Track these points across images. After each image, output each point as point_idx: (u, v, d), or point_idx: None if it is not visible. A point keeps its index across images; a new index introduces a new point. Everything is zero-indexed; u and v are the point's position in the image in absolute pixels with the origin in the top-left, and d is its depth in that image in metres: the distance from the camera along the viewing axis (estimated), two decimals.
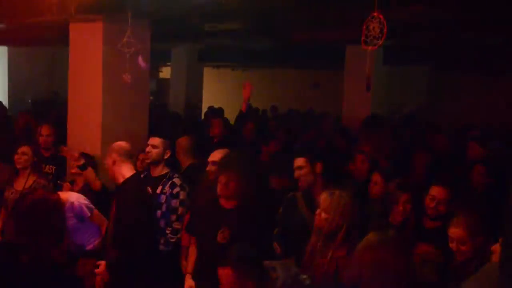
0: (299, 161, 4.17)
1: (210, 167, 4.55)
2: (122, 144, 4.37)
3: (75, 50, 6.00)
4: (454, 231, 3.30)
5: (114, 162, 4.26)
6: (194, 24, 6.85)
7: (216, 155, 4.51)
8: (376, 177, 4.69)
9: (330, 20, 6.08)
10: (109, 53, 5.52)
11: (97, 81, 5.69)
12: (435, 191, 3.94)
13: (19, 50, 13.64)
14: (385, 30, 3.21)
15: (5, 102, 13.79)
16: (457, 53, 9.29)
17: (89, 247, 4.41)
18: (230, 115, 9.70)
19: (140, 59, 5.16)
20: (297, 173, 4.19)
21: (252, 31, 7.62)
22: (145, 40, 5.73)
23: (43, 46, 10.73)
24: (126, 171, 4.25)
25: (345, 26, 6.04)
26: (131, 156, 4.38)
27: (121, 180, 4.25)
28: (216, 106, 11.91)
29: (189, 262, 4.15)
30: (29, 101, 12.72)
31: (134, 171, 4.37)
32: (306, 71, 13.72)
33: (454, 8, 5.00)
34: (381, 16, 3.23)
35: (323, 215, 3.45)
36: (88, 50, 5.79)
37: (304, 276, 3.22)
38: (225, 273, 3.05)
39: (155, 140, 4.79)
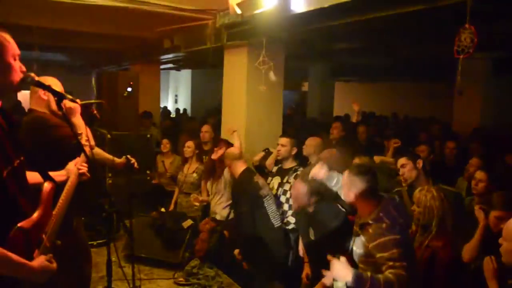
0: (402, 160, 3.84)
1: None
2: (231, 150, 4.64)
3: (227, 68, 6.17)
4: None
5: (229, 165, 4.58)
6: (321, 46, 6.69)
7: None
8: (481, 175, 3.94)
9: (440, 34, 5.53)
10: (250, 70, 5.59)
11: (242, 92, 5.79)
12: None
13: (198, 71, 14.58)
14: (475, 40, 2.81)
15: (189, 110, 14.90)
16: None
17: None
18: None
19: (273, 74, 5.14)
20: (401, 171, 3.85)
21: (370, 49, 7.26)
22: (279, 58, 5.70)
23: (206, 68, 11.32)
24: (238, 168, 4.51)
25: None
26: (240, 156, 4.61)
27: (236, 175, 4.52)
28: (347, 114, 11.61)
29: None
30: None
31: (245, 167, 4.55)
32: (422, 84, 12.80)
33: None
34: (472, 27, 2.83)
35: (417, 208, 3.12)
36: (236, 68, 5.92)
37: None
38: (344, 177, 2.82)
39: (283, 140, 4.76)
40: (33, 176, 2.00)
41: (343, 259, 2.56)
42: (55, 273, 1.77)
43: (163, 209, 5.33)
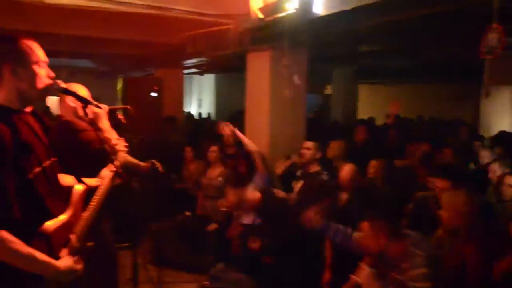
0: (442, 183, 3.64)
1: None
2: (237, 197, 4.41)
3: (250, 73, 6.20)
4: None
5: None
6: (344, 48, 6.65)
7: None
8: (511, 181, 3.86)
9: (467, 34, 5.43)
10: (273, 74, 5.60)
11: (266, 96, 5.80)
12: None
13: (222, 75, 14.68)
14: (503, 40, 2.75)
15: (213, 114, 15.02)
16: None
17: None
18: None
19: (296, 78, 5.15)
20: (440, 192, 3.73)
21: (394, 51, 7.18)
22: (301, 62, 5.70)
23: (230, 72, 11.40)
24: (254, 196, 4.43)
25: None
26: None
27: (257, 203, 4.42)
28: (371, 117, 11.52)
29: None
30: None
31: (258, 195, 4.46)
32: (447, 85, 12.56)
33: None
34: (499, 27, 2.77)
35: (445, 213, 3.05)
36: (259, 72, 5.94)
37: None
38: (364, 225, 2.82)
39: (309, 143, 4.78)
40: (68, 179, 2.05)
41: (374, 270, 2.57)
42: (80, 274, 1.81)
43: (188, 213, 5.37)
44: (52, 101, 8.58)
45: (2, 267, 1.64)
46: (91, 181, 2.20)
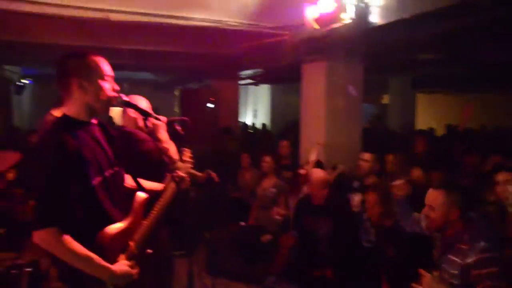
0: (505, 176, 3.55)
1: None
2: (319, 176, 4.36)
3: (305, 83, 6.17)
4: None
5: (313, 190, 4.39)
6: (402, 57, 6.47)
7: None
8: None
9: None
10: (329, 85, 5.55)
11: (321, 106, 5.75)
12: None
13: (278, 86, 14.72)
14: None
15: (268, 125, 15.07)
16: None
17: None
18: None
19: (351, 88, 5.07)
20: (501, 187, 3.56)
21: (454, 59, 6.89)
22: (357, 72, 5.60)
23: (285, 83, 11.39)
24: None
25: None
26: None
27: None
28: (430, 127, 11.09)
29: None
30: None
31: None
32: None
33: None
34: None
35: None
36: (315, 83, 5.90)
37: None
38: (435, 195, 2.63)
39: (366, 155, 4.71)
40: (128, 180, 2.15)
41: (436, 274, 2.45)
42: (134, 279, 1.86)
43: (242, 223, 5.39)
44: (115, 112, 8.93)
45: (67, 269, 1.74)
46: (152, 185, 2.27)
